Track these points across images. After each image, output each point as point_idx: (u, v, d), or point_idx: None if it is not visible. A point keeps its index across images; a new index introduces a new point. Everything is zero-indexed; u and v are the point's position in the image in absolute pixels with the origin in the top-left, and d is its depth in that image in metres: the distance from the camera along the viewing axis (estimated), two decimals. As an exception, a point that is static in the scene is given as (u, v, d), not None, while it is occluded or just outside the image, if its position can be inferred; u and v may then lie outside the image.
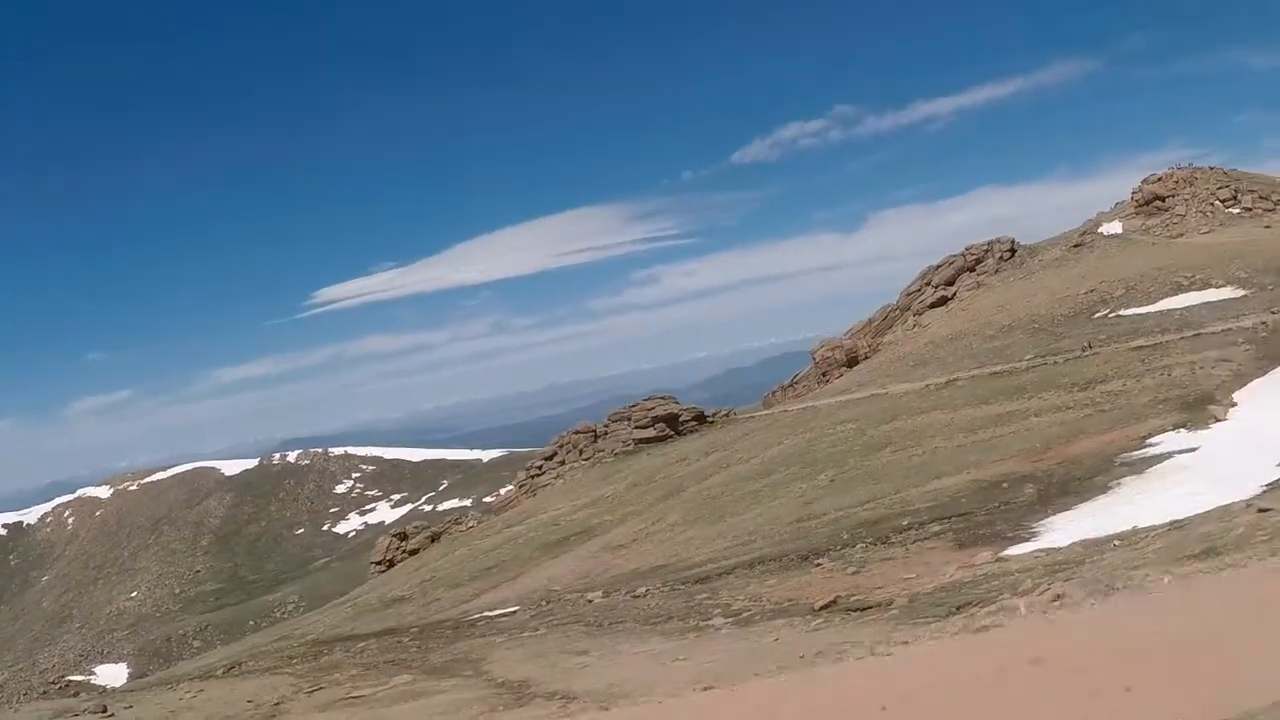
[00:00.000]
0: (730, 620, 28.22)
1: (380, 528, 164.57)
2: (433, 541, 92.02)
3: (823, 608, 26.49)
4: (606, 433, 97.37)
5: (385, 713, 24.13)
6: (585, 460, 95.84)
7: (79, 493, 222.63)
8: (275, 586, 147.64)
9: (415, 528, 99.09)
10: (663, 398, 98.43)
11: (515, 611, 41.39)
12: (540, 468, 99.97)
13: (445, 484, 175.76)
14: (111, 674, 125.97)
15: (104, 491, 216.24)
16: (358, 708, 25.44)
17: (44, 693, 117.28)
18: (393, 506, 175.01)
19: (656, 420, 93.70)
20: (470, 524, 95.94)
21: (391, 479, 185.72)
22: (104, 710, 34.84)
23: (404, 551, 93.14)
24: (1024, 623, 18.13)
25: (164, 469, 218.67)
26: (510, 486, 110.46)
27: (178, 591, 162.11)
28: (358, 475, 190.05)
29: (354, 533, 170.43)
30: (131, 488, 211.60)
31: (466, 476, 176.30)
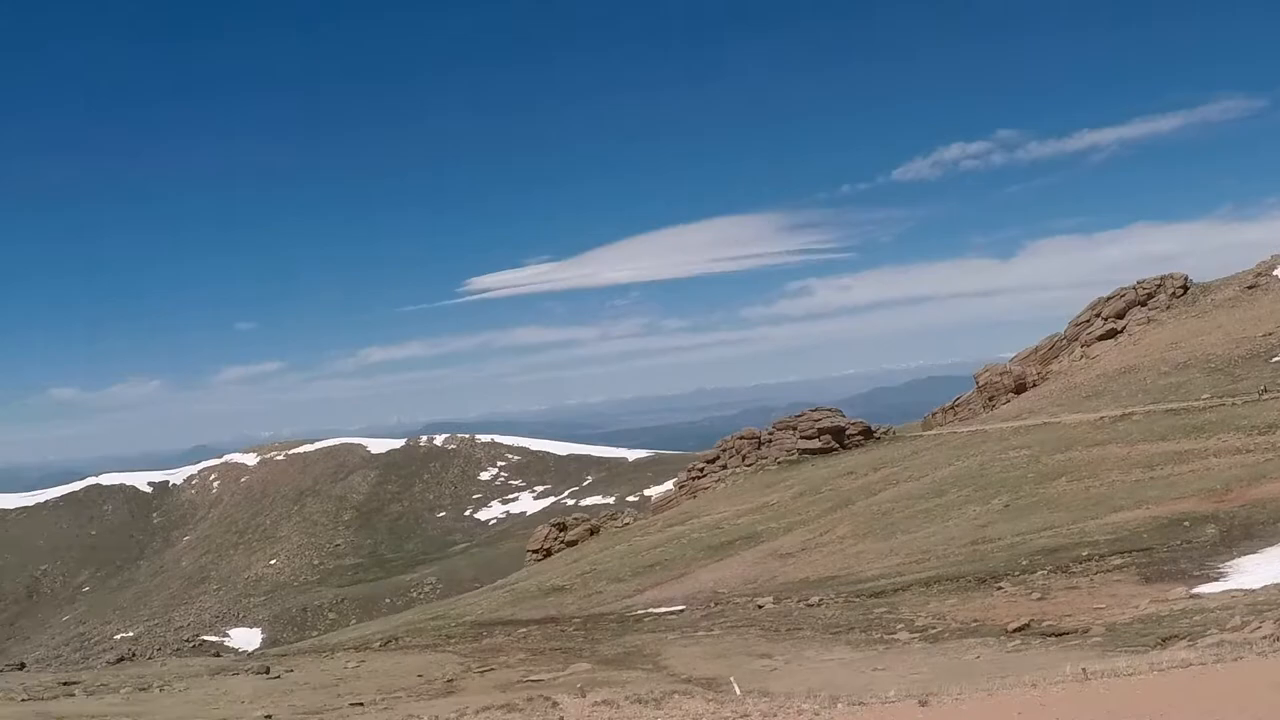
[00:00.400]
0: (917, 636, 27.82)
1: (522, 518, 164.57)
2: (591, 535, 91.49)
3: (1016, 630, 26.04)
4: (771, 440, 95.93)
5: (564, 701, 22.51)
6: (748, 466, 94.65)
7: (226, 458, 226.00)
8: (413, 567, 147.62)
9: (575, 519, 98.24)
10: (829, 410, 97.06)
11: (683, 610, 41.02)
12: (702, 470, 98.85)
13: (589, 479, 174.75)
14: (245, 637, 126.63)
15: (250, 459, 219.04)
16: (537, 691, 24.35)
17: (177, 650, 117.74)
18: (535, 498, 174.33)
19: (822, 432, 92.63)
20: (627, 520, 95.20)
21: (536, 470, 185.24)
22: (267, 671, 34.63)
23: (562, 542, 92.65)
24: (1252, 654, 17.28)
25: (311, 442, 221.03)
26: (669, 486, 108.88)
27: (316, 563, 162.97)
28: (502, 464, 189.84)
29: (495, 520, 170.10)
30: (278, 457, 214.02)
31: (610, 474, 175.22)
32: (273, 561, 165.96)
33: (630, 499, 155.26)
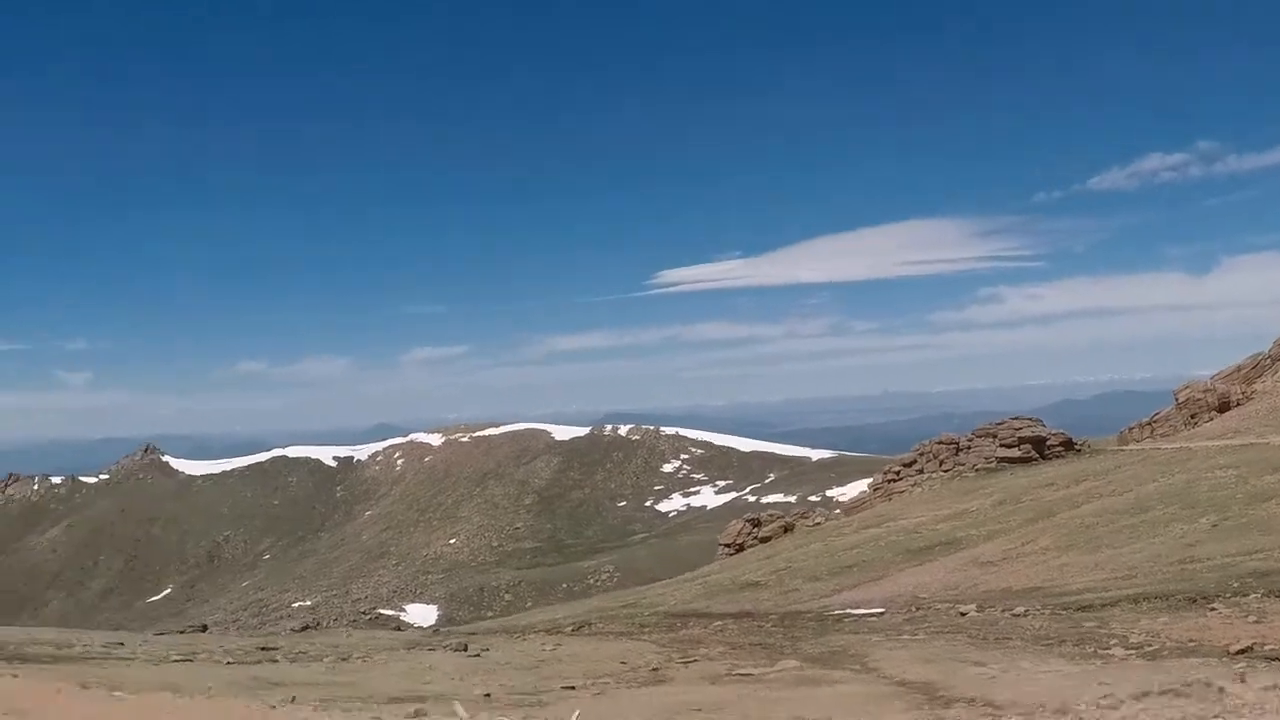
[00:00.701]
0: (1133, 652, 26.11)
1: (703, 511, 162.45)
2: (786, 532, 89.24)
3: (1239, 652, 24.36)
4: (969, 447, 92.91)
5: (785, 695, 21.50)
6: (945, 471, 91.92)
7: (411, 437, 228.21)
8: (591, 554, 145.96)
9: (770, 516, 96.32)
10: (1029, 419, 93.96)
11: (883, 613, 39.23)
12: (898, 473, 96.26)
13: (771, 477, 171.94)
14: (421, 613, 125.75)
15: (435, 439, 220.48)
16: (749, 686, 23.05)
17: (353, 621, 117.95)
18: (716, 492, 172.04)
19: (1022, 441, 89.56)
20: (818, 520, 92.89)
21: (719, 465, 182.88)
22: (465, 649, 33.81)
23: (755, 538, 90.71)
24: None
25: (496, 425, 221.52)
26: (863, 487, 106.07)
27: (495, 545, 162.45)
28: (686, 457, 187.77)
29: (675, 513, 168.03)
30: (463, 439, 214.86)
31: (793, 472, 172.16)
32: (452, 541, 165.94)
33: (812, 498, 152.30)
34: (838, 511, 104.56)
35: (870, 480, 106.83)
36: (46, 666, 24.57)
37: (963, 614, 35.77)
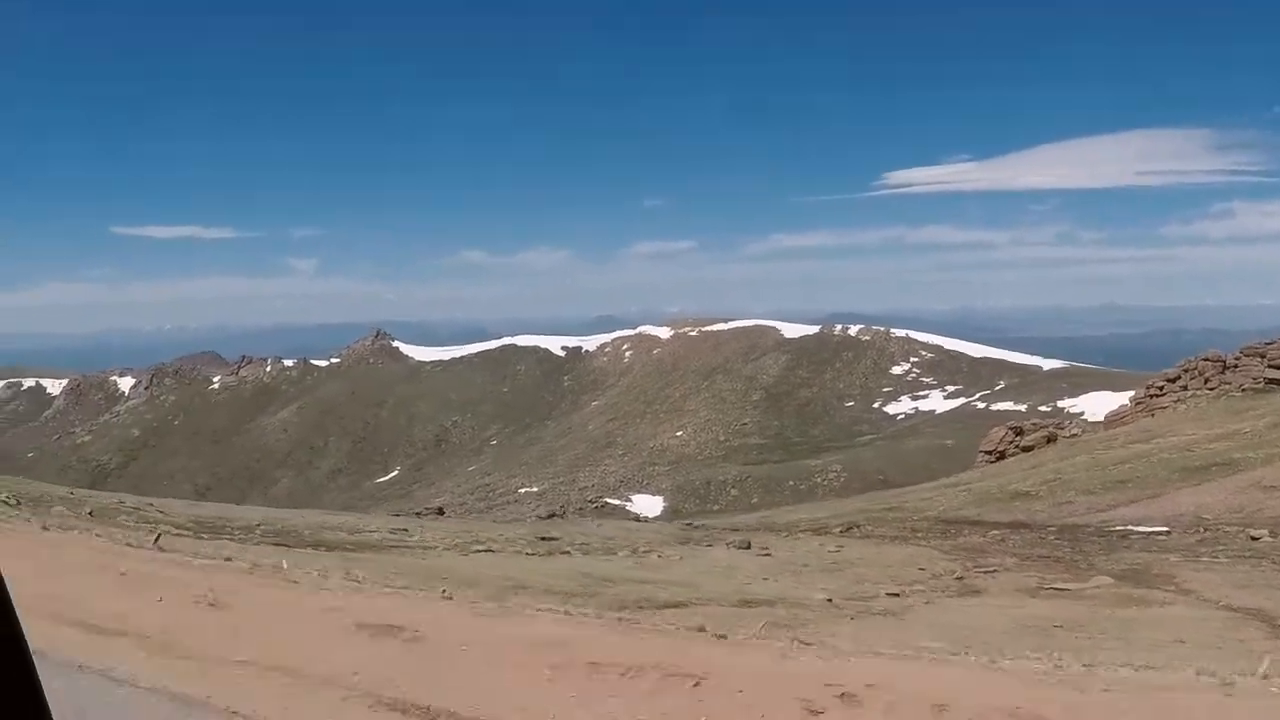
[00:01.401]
0: None
1: (930, 416, 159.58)
2: (1049, 442, 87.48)
3: None
4: (1236, 365, 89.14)
5: (1126, 615, 20.55)
6: (1210, 389, 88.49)
7: (639, 329, 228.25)
8: (818, 453, 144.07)
9: (1033, 425, 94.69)
10: None
11: (1168, 532, 37.82)
12: (1161, 389, 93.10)
13: (1001, 385, 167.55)
14: (647, 504, 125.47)
15: (664, 332, 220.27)
16: (1067, 601, 22.43)
17: (580, 508, 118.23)
18: (945, 397, 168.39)
19: None
20: (1075, 431, 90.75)
21: (948, 369, 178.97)
22: (748, 546, 33.04)
23: (1017, 447, 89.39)
24: None
25: (725, 320, 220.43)
26: (1125, 401, 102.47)
27: (722, 439, 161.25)
28: (915, 360, 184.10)
29: (903, 415, 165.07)
30: (692, 333, 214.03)
31: (1023, 381, 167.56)
32: (679, 434, 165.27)
33: (1043, 408, 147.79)
34: (1097, 423, 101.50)
35: (1131, 394, 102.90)
36: (378, 555, 23.65)
37: (1254, 539, 34.06)
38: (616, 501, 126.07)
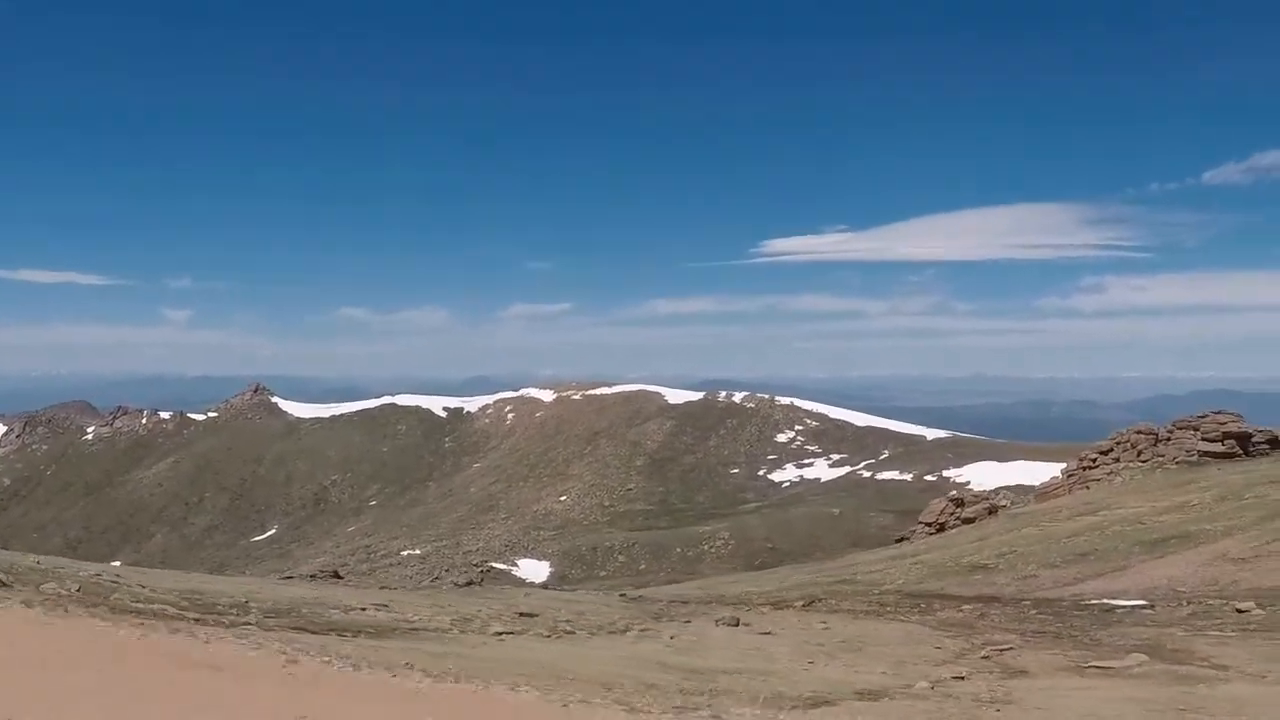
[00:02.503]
0: None
1: (816, 484, 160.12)
2: (990, 514, 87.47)
3: None
4: (1169, 438, 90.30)
5: (1211, 694, 19.83)
6: (1143, 462, 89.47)
7: (521, 391, 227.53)
8: (704, 520, 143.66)
9: (974, 497, 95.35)
10: (1232, 414, 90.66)
11: (1151, 607, 37.34)
12: (1094, 461, 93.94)
13: (886, 454, 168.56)
14: (533, 569, 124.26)
15: (547, 395, 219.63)
16: (1129, 682, 21.61)
17: (464, 572, 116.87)
18: (830, 465, 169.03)
19: (1227, 436, 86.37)
20: (1004, 503, 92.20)
21: (833, 438, 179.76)
22: (737, 624, 32.58)
23: (958, 518, 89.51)
24: None
25: (609, 385, 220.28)
26: (1057, 474, 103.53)
27: (606, 504, 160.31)
28: (800, 428, 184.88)
29: (788, 483, 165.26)
30: (575, 396, 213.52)
31: (908, 451, 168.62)
32: (563, 498, 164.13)
33: (929, 478, 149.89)
34: (1027, 496, 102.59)
35: (1062, 466, 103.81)
36: (414, 643, 22.41)
37: (1241, 611, 33.41)
38: (502, 566, 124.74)
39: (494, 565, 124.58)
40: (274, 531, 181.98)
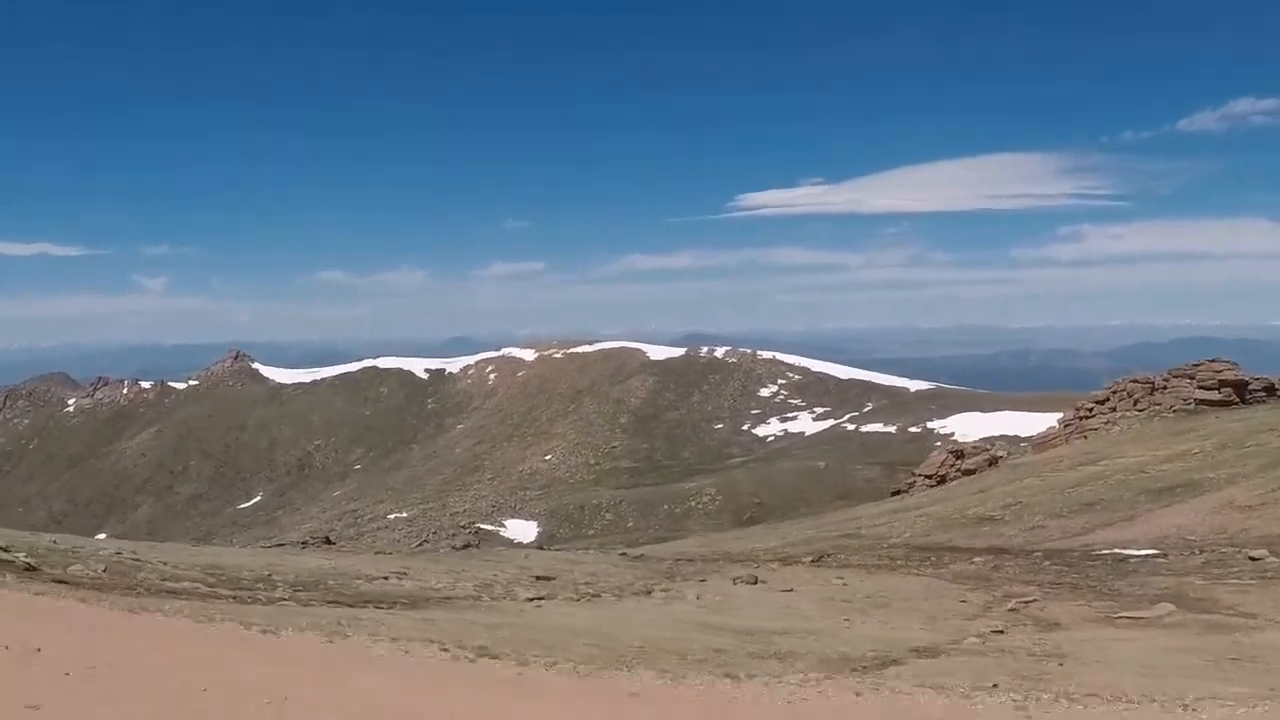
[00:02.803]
0: None
1: (800, 438, 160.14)
2: (990, 466, 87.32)
3: None
4: (1165, 387, 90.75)
5: (1251, 642, 19.95)
6: (1140, 411, 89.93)
7: (503, 351, 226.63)
8: (690, 475, 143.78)
9: (974, 448, 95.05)
10: (1227, 362, 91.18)
11: (1165, 555, 37.77)
12: (1090, 410, 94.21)
13: (869, 406, 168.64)
14: (521, 529, 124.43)
15: (528, 354, 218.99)
16: (1142, 630, 21.94)
17: (453, 535, 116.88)
18: (814, 419, 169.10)
19: (1224, 384, 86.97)
20: (1001, 454, 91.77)
21: (816, 391, 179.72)
22: (755, 581, 32.27)
23: (959, 470, 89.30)
24: None
25: (590, 342, 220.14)
26: (1052, 424, 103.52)
27: (592, 462, 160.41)
28: (783, 382, 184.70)
29: (772, 437, 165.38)
30: (556, 355, 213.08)
31: (892, 403, 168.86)
32: (548, 457, 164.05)
33: (913, 429, 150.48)
34: (1023, 446, 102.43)
35: (1059, 416, 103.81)
36: (454, 613, 22.03)
37: (1255, 559, 33.81)
38: (490, 527, 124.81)
39: (481, 526, 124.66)
40: (259, 498, 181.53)
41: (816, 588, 31.15)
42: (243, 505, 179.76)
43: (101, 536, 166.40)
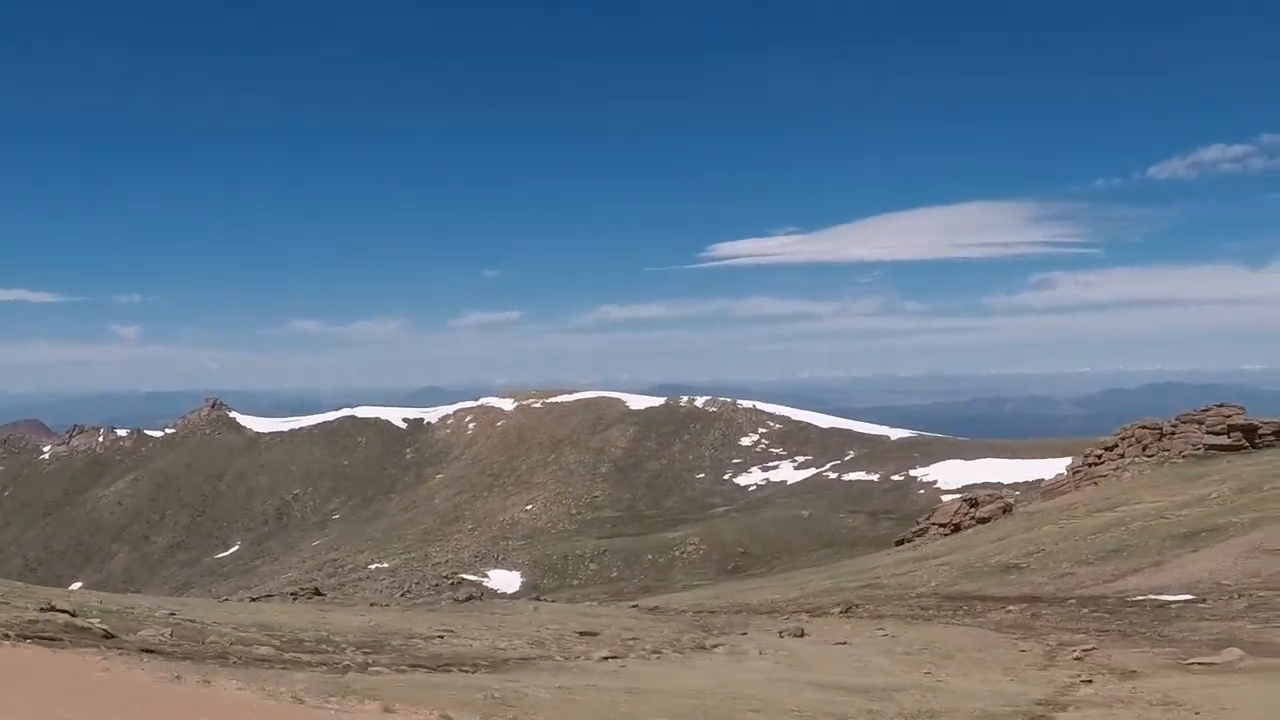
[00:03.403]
0: None
1: (782, 486, 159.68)
2: (1004, 513, 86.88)
3: None
4: (1174, 433, 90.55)
5: None
6: (1149, 457, 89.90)
7: (481, 401, 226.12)
8: (673, 525, 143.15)
9: (987, 496, 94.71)
10: (1235, 407, 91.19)
11: (1204, 600, 37.14)
12: (1100, 457, 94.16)
13: (851, 454, 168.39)
14: (504, 580, 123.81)
15: (507, 403, 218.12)
16: (1222, 675, 21.50)
17: (435, 585, 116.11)
18: (796, 468, 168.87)
19: (1233, 429, 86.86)
20: (1010, 501, 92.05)
21: (797, 440, 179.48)
22: (801, 634, 31.93)
23: (973, 519, 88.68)
24: None
25: (569, 392, 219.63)
26: (1061, 471, 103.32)
27: (574, 512, 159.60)
28: (764, 431, 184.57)
29: (754, 486, 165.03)
30: (535, 404, 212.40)
31: (873, 451, 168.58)
32: (529, 507, 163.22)
33: (896, 477, 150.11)
34: (1029, 494, 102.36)
35: (1069, 462, 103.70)
36: (530, 675, 21.13)
37: None
38: (473, 577, 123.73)
39: (464, 576, 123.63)
40: (237, 548, 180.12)
41: (866, 640, 30.79)
42: (220, 555, 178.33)
43: (77, 586, 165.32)
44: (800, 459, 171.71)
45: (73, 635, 18.82)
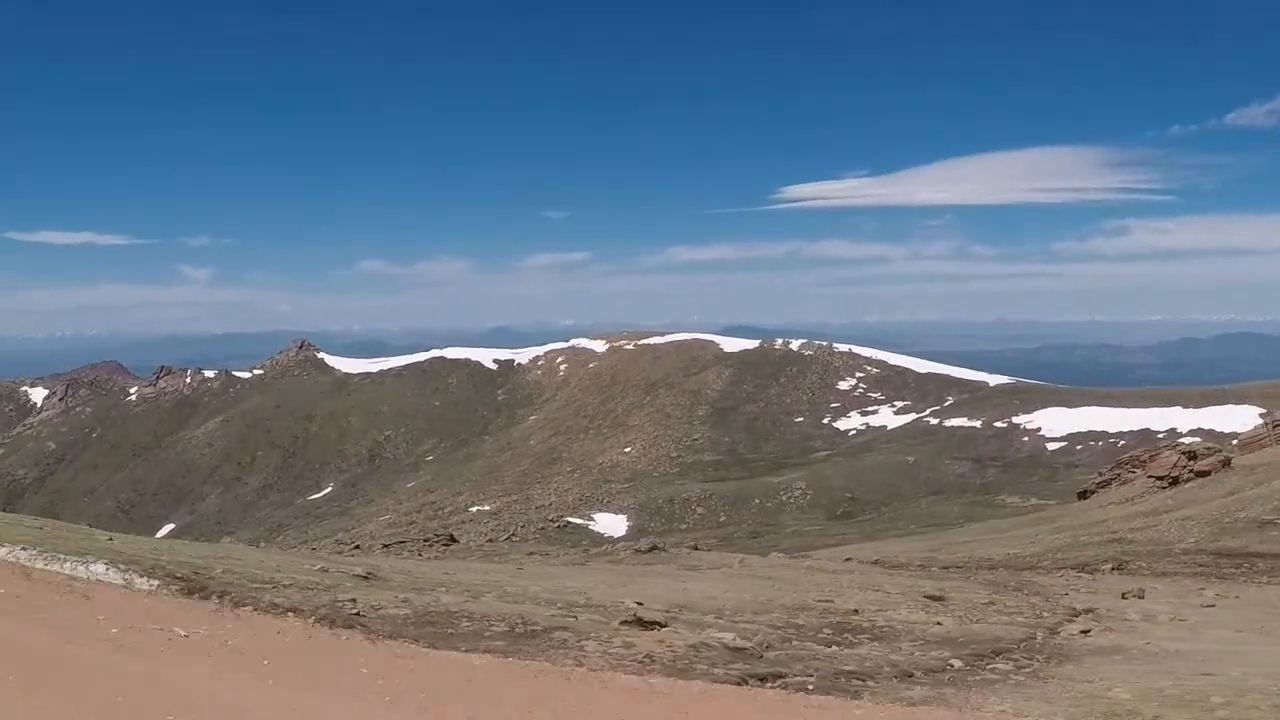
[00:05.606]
0: None
1: (884, 431, 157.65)
2: (1224, 466, 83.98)
3: None
4: None
5: None
6: None
7: (572, 342, 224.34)
8: (777, 469, 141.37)
9: (1207, 449, 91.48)
10: None
11: None
12: None
13: (950, 400, 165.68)
14: (610, 523, 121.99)
15: (598, 345, 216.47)
16: None
17: (541, 528, 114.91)
18: (895, 413, 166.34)
19: None
20: (1229, 455, 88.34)
21: (895, 385, 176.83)
22: (1142, 594, 29.86)
23: (1191, 471, 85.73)
24: None
25: (661, 334, 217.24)
26: (1259, 423, 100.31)
27: (674, 455, 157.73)
28: (860, 375, 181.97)
29: (854, 431, 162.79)
30: (627, 346, 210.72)
31: (973, 398, 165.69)
32: (627, 450, 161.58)
33: (998, 424, 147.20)
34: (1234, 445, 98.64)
35: (1260, 413, 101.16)
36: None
37: None
38: (578, 520, 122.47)
39: (569, 520, 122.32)
40: (330, 490, 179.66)
41: (1229, 605, 28.37)
42: (313, 496, 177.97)
43: (170, 527, 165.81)
44: (899, 404, 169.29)
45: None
